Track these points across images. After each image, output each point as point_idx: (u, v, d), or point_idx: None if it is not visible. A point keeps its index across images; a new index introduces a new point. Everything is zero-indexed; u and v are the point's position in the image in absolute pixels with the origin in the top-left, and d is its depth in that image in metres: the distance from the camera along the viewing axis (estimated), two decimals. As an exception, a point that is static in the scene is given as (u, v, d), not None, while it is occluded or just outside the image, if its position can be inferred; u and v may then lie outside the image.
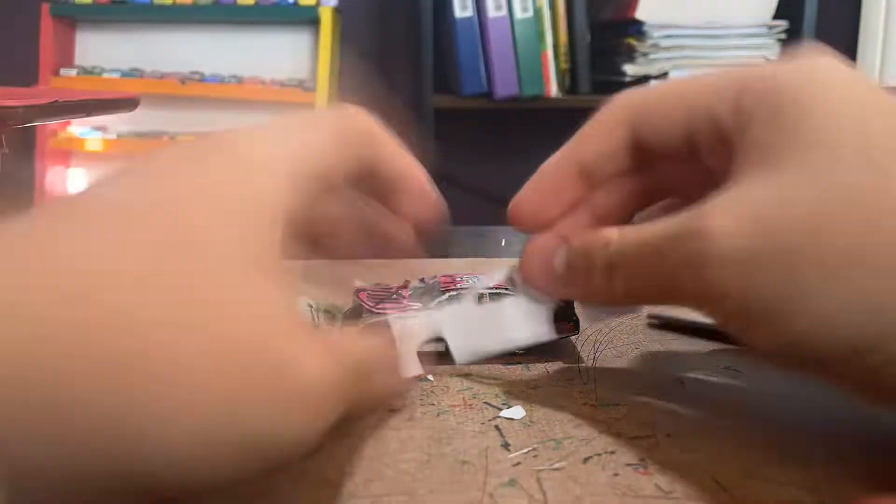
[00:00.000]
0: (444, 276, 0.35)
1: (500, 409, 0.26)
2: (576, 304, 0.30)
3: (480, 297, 0.30)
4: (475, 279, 0.34)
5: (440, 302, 0.31)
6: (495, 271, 0.30)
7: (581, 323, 0.30)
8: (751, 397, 0.27)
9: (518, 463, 0.23)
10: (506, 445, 0.24)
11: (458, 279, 0.34)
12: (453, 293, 0.32)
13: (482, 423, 0.25)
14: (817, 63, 0.22)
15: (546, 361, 0.30)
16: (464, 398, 0.27)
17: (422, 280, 0.35)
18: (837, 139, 0.20)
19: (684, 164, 0.25)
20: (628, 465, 0.22)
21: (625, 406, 0.26)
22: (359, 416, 0.24)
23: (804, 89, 0.21)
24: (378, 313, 0.31)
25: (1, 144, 1.00)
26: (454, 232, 0.58)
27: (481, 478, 0.22)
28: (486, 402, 0.27)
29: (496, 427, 0.25)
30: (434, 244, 0.29)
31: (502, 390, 0.28)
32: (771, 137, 0.21)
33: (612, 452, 0.23)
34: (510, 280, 0.29)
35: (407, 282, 0.35)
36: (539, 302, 0.28)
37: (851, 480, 0.21)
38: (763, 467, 0.22)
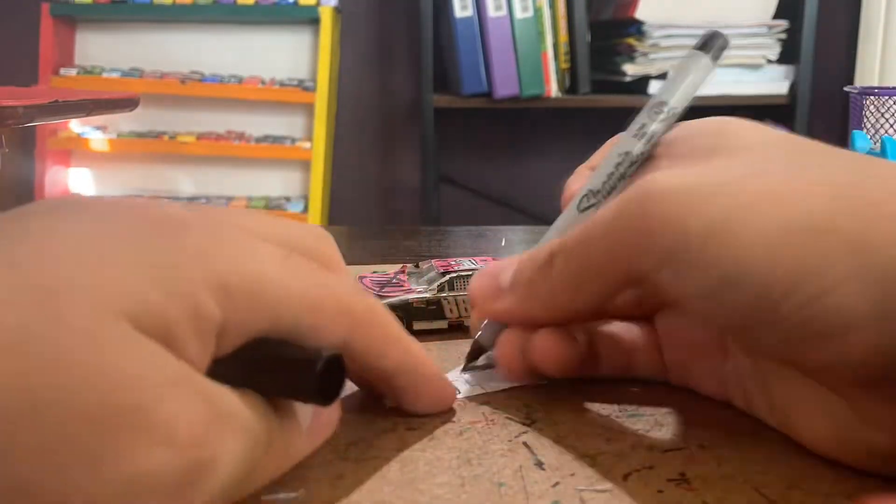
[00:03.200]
0: (435, 260, 0.36)
1: (524, 424, 0.25)
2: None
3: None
4: (470, 262, 0.36)
5: (441, 283, 0.34)
6: None
7: None
8: None
9: (557, 483, 0.22)
10: (539, 464, 0.23)
11: (453, 262, 0.36)
12: (453, 274, 0.34)
13: (509, 441, 0.24)
14: (726, 118, 0.27)
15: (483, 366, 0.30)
16: (484, 414, 0.26)
17: (416, 265, 0.37)
18: (738, 147, 0.25)
19: None
20: (670, 480, 0.22)
21: (650, 416, 0.26)
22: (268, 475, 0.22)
23: (715, 127, 0.27)
24: (384, 296, 0.34)
25: (1, 144, 1.00)
26: (454, 232, 0.58)
27: (521, 500, 0.21)
28: (508, 418, 0.26)
29: (524, 444, 0.24)
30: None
31: (522, 403, 0.27)
32: (686, 150, 0.26)
33: (651, 467, 0.23)
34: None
35: (404, 267, 0.37)
36: None
37: (891, 488, 0.21)
38: (803, 478, 0.22)
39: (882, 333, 0.20)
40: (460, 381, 0.29)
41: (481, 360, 0.29)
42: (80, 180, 1.96)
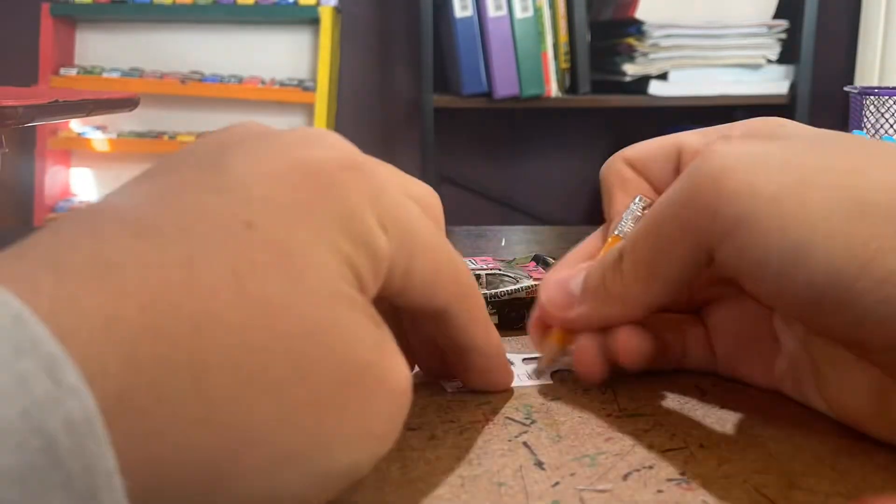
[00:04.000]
0: None
1: (524, 424, 0.25)
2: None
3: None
4: (470, 262, 0.36)
5: None
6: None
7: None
8: (773, 404, 0.27)
9: (557, 483, 0.22)
10: (539, 464, 0.23)
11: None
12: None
13: (509, 440, 0.24)
14: (778, 119, 0.27)
15: (557, 370, 0.30)
16: (484, 413, 0.26)
17: None
18: (794, 135, 0.25)
19: None
20: (669, 480, 0.22)
21: (650, 416, 0.26)
22: None
23: (769, 124, 0.27)
24: None
25: (1, 144, 1.00)
26: (454, 232, 0.58)
27: (521, 500, 0.21)
28: (508, 418, 0.26)
29: (524, 444, 0.24)
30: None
31: (521, 403, 0.27)
32: (745, 133, 0.27)
33: (651, 467, 0.23)
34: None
35: None
36: None
37: (891, 488, 0.21)
38: (803, 477, 0.22)
39: None
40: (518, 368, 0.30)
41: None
42: (80, 180, 1.96)
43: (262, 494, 0.17)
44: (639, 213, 0.29)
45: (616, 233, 0.29)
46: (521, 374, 0.29)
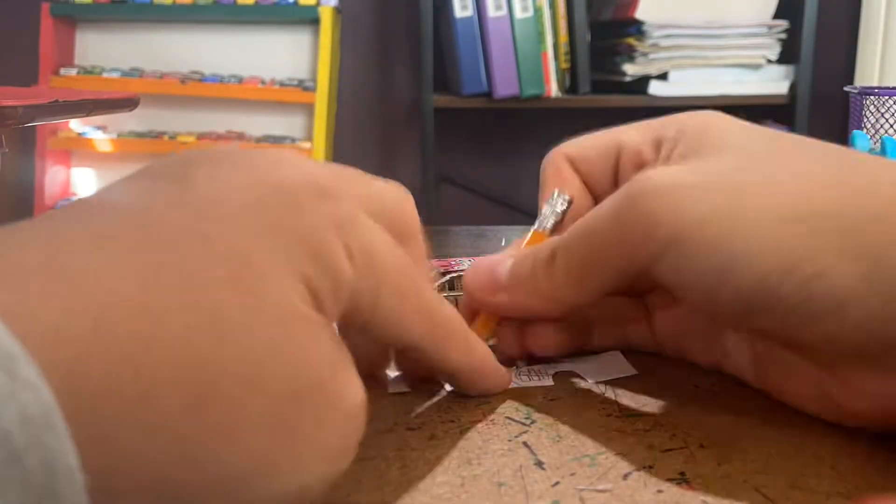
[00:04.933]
0: (435, 260, 0.37)
1: (524, 424, 0.25)
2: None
3: None
4: (470, 262, 0.36)
5: (442, 283, 0.35)
6: None
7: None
8: (774, 404, 0.27)
9: (557, 483, 0.22)
10: (539, 464, 0.23)
11: (453, 262, 0.36)
12: (453, 274, 0.35)
13: (509, 440, 0.24)
14: (707, 113, 0.28)
15: (556, 370, 0.30)
16: (484, 413, 0.26)
17: None
18: (726, 146, 0.26)
19: None
20: (669, 479, 0.22)
21: (650, 416, 0.26)
22: None
23: (700, 124, 0.27)
24: None
25: (1, 144, 1.00)
26: (454, 232, 0.58)
27: (521, 500, 0.21)
28: (508, 418, 0.26)
29: (524, 444, 0.24)
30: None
31: (521, 403, 0.27)
32: (681, 151, 0.27)
33: (651, 467, 0.23)
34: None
35: None
36: None
37: (891, 488, 0.21)
38: (803, 477, 0.22)
39: (871, 311, 0.22)
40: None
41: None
42: (80, 180, 1.96)
43: None
44: (559, 210, 0.30)
45: (536, 227, 0.30)
46: (523, 375, 0.29)
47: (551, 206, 0.30)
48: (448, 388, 0.28)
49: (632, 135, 0.29)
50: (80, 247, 0.17)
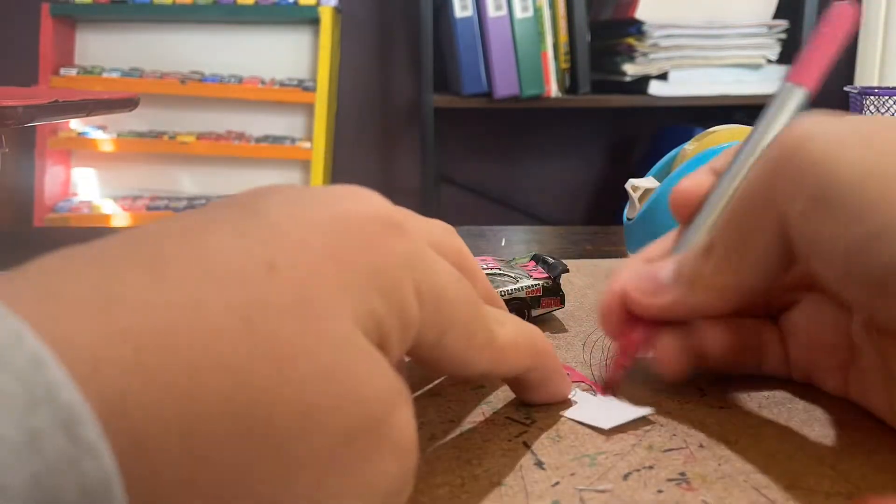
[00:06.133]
0: None
1: (524, 424, 0.25)
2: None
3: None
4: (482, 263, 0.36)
5: None
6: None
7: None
8: (773, 403, 0.27)
9: (557, 483, 0.22)
10: (539, 464, 0.23)
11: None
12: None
13: (509, 440, 0.24)
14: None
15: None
16: (484, 413, 0.26)
17: None
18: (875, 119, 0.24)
19: None
20: (669, 480, 0.22)
21: (651, 417, 0.26)
22: None
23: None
24: None
25: (1, 144, 1.00)
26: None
27: (521, 500, 0.21)
28: (508, 418, 0.26)
29: (524, 444, 0.24)
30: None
31: (522, 404, 0.27)
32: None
33: (651, 467, 0.23)
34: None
35: None
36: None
37: (891, 487, 0.21)
38: (803, 477, 0.22)
39: None
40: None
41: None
42: (80, 180, 1.96)
43: None
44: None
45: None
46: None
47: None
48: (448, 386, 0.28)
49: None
50: (132, 273, 0.16)
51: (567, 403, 0.27)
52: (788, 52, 1.69)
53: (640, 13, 1.62)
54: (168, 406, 0.14)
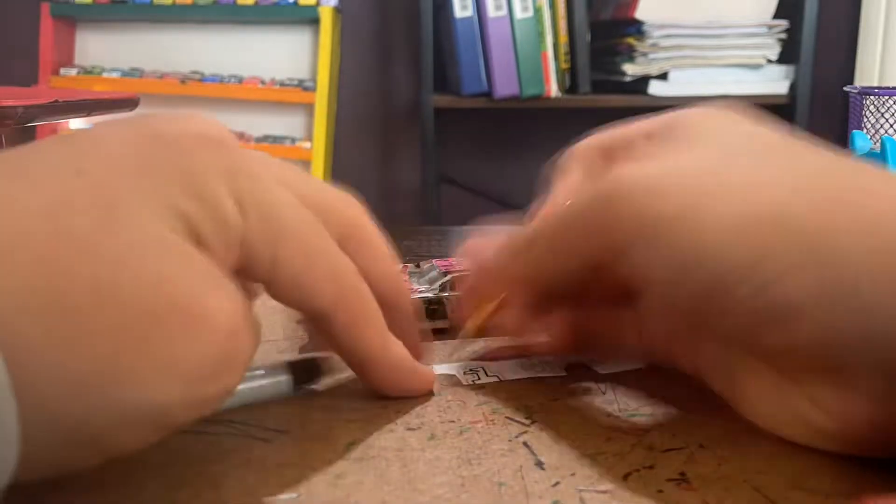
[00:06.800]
0: (436, 260, 0.37)
1: (524, 424, 0.25)
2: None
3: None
4: None
5: (444, 283, 0.35)
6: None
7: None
8: None
9: (557, 483, 0.22)
10: (539, 464, 0.23)
11: (454, 262, 0.36)
12: (455, 274, 0.34)
13: (509, 440, 0.24)
14: (706, 109, 0.28)
15: (568, 361, 0.30)
16: (484, 413, 0.26)
17: (417, 265, 0.37)
18: (707, 142, 0.26)
19: None
20: (669, 480, 0.22)
21: (650, 416, 0.26)
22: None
23: (693, 119, 0.27)
24: None
25: (1, 144, 1.00)
26: (454, 232, 0.58)
27: (521, 500, 0.21)
28: (508, 418, 0.26)
29: (525, 444, 0.24)
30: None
31: (521, 404, 0.27)
32: (665, 145, 0.27)
33: (651, 467, 0.23)
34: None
35: (405, 267, 0.37)
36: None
37: (891, 488, 0.21)
38: (804, 477, 0.22)
39: (829, 321, 0.21)
40: (456, 371, 0.30)
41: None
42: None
43: (66, 424, 0.18)
44: None
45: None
46: (536, 366, 0.30)
47: None
48: (447, 387, 0.28)
49: (631, 127, 0.30)
50: None
51: (507, 388, 0.28)
52: (788, 52, 1.69)
53: (640, 13, 1.62)
54: None
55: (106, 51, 1.93)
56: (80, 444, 0.19)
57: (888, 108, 0.69)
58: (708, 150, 0.25)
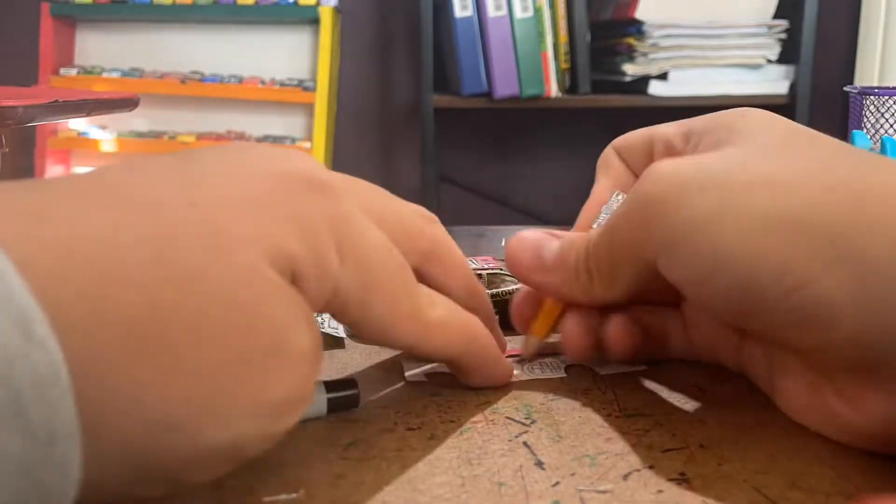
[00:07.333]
0: None
1: (524, 424, 0.25)
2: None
3: None
4: (471, 261, 0.37)
5: None
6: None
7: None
8: (767, 402, 0.27)
9: (557, 483, 0.22)
10: (539, 464, 0.23)
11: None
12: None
13: (509, 440, 0.24)
14: (748, 109, 0.28)
15: (569, 363, 0.30)
16: (484, 414, 0.26)
17: None
18: (742, 140, 0.26)
19: None
20: (669, 479, 0.22)
21: (650, 416, 0.26)
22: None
23: (733, 118, 0.28)
24: None
25: (1, 144, 1.00)
26: (454, 232, 0.58)
27: (521, 500, 0.21)
28: (508, 418, 0.26)
29: (525, 444, 0.24)
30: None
31: (521, 403, 0.27)
32: (703, 143, 0.27)
33: (651, 467, 0.23)
34: None
35: None
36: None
37: (891, 488, 0.21)
38: (803, 477, 0.22)
39: (861, 323, 0.21)
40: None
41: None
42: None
43: (139, 462, 0.17)
44: (615, 207, 0.30)
45: (595, 226, 0.30)
46: (536, 367, 0.30)
47: (609, 206, 0.31)
48: (408, 375, 0.29)
49: (669, 127, 0.30)
50: (67, 198, 0.18)
51: (507, 388, 0.28)
52: (788, 52, 1.69)
53: (640, 13, 1.62)
54: (77, 307, 0.16)
55: (106, 51, 1.93)
56: (150, 479, 0.18)
57: (888, 108, 0.69)
58: (741, 148, 0.25)
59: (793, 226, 0.22)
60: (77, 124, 1.91)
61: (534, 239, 0.29)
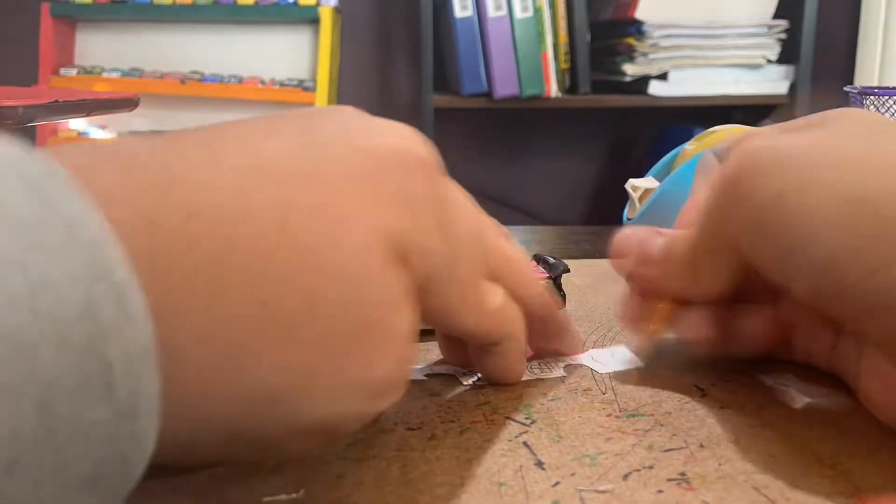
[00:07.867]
0: None
1: (524, 424, 0.25)
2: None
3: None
4: None
5: None
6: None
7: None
8: (774, 404, 0.27)
9: (557, 483, 0.22)
10: (539, 464, 0.23)
11: None
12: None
13: (509, 440, 0.24)
14: (852, 108, 0.27)
15: (567, 362, 0.30)
16: (484, 413, 0.26)
17: None
18: (830, 125, 0.26)
19: None
20: (669, 480, 0.22)
21: (650, 416, 0.26)
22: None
23: (828, 112, 0.27)
24: None
25: (1, 144, 1.00)
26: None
27: (521, 500, 0.21)
28: (508, 418, 0.26)
29: (525, 444, 0.24)
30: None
31: (521, 403, 0.27)
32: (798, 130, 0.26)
33: (651, 467, 0.23)
34: None
35: None
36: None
37: (891, 487, 0.21)
38: (803, 477, 0.22)
39: None
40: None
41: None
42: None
43: (231, 432, 0.18)
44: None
45: None
46: (535, 367, 0.30)
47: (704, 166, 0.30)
48: (465, 382, 0.28)
49: (773, 125, 0.30)
50: (192, 159, 0.18)
51: (507, 388, 0.28)
52: (788, 52, 1.69)
53: (640, 13, 1.62)
54: (202, 271, 0.16)
55: (106, 51, 1.93)
56: (244, 448, 0.18)
57: (888, 108, 0.69)
58: (826, 131, 0.25)
59: (873, 207, 0.22)
60: (77, 124, 1.91)
61: (640, 235, 0.29)
